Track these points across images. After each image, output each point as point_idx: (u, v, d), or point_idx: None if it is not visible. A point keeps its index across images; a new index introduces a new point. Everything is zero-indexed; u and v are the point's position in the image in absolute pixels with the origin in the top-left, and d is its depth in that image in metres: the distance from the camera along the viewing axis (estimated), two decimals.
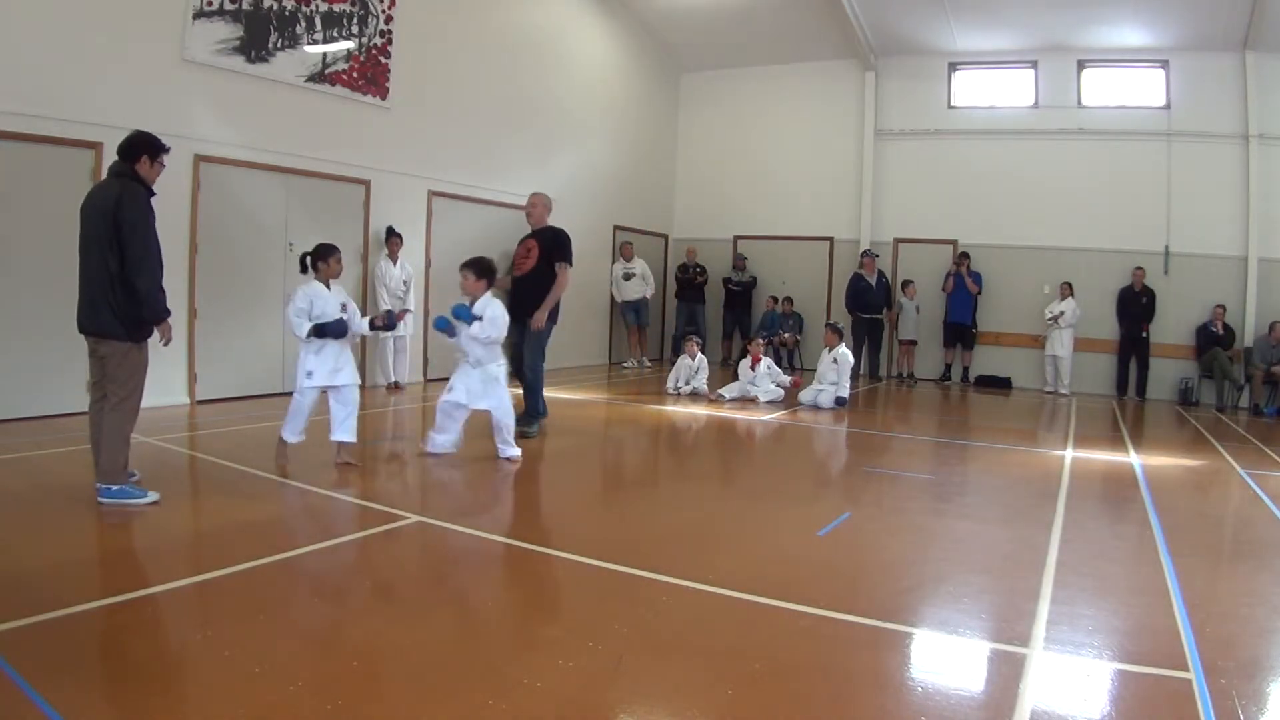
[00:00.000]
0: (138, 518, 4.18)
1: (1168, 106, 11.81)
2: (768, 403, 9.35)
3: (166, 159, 4.49)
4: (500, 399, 5.67)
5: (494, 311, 5.60)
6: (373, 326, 5.65)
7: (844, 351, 9.37)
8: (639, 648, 2.86)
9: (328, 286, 5.37)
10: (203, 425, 6.81)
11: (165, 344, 4.44)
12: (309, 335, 5.21)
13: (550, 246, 6.63)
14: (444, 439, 5.72)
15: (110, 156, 6.68)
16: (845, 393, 9.31)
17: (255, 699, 2.35)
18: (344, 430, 5.37)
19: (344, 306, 5.39)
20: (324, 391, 5.40)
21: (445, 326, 5.65)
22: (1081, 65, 12.31)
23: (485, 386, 5.65)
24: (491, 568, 3.78)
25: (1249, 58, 11.22)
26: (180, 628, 2.95)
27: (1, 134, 6.24)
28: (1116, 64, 12.17)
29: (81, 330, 4.30)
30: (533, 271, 6.59)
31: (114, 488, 4.21)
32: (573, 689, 2.53)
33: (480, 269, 5.70)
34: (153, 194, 4.38)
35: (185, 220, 7.49)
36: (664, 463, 6.36)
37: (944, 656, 2.95)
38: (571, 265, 6.70)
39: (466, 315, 5.54)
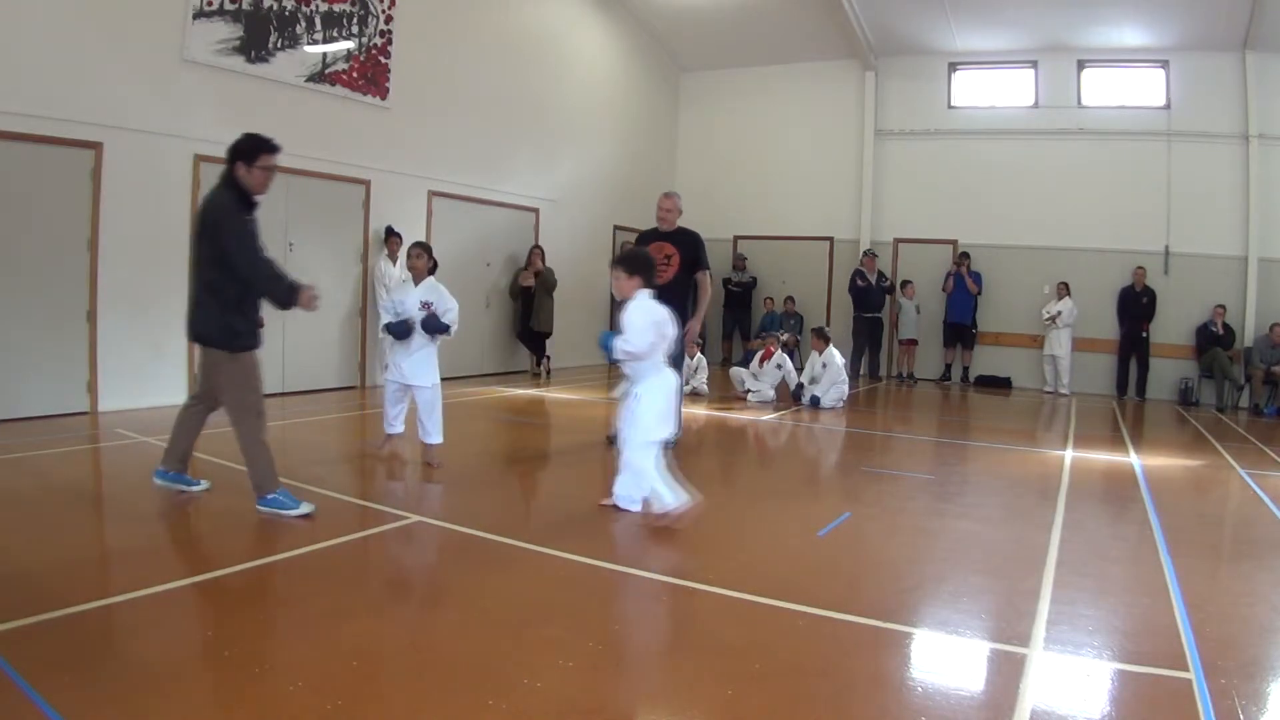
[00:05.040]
0: (138, 518, 4.18)
1: (1168, 106, 11.81)
2: (760, 403, 9.42)
3: (272, 159, 4.23)
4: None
5: (627, 318, 4.29)
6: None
7: (833, 354, 9.44)
8: (639, 648, 2.86)
9: (415, 284, 5.47)
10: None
11: (311, 308, 4.17)
12: (382, 331, 5.33)
13: (693, 254, 6.33)
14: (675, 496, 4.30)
15: (111, 156, 6.80)
16: (826, 396, 9.28)
17: (255, 699, 2.35)
18: (426, 433, 5.54)
19: (427, 305, 5.37)
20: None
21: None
22: (1081, 65, 12.31)
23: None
24: (491, 567, 3.78)
25: (1249, 58, 11.22)
26: (180, 628, 2.95)
27: (1, 134, 6.24)
28: (1116, 64, 12.17)
29: (188, 336, 4.38)
30: (675, 281, 6.20)
31: (267, 496, 4.21)
32: (573, 689, 2.53)
33: (631, 265, 4.44)
34: (255, 202, 4.26)
35: (185, 220, 7.47)
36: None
37: (944, 656, 2.95)
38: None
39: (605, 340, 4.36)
